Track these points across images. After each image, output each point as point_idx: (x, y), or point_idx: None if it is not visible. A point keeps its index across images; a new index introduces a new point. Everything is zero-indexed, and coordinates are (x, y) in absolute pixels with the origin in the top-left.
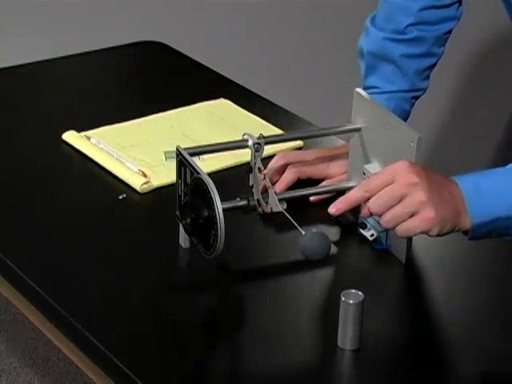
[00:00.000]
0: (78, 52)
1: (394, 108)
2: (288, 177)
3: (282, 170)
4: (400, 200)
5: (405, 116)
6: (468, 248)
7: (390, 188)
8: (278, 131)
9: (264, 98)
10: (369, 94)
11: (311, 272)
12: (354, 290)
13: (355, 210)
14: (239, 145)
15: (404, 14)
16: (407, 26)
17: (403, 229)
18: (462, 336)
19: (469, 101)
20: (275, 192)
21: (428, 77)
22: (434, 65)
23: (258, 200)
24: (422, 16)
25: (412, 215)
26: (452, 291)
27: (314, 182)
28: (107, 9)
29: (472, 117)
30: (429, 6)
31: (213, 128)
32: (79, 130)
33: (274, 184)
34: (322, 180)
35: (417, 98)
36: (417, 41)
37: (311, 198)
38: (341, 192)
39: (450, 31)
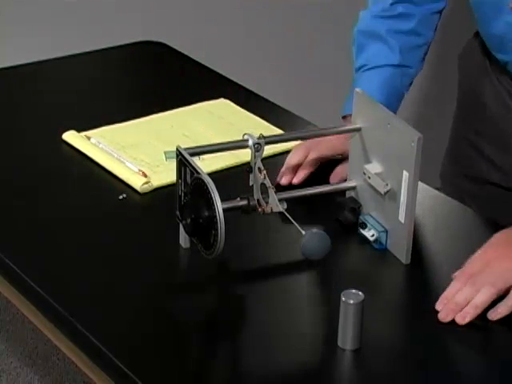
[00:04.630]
0: (78, 52)
1: (383, 83)
2: (313, 156)
3: (303, 159)
4: None
5: (396, 93)
6: (468, 248)
7: None
8: (278, 131)
9: (264, 98)
10: (360, 73)
11: (311, 272)
12: (354, 290)
13: (355, 210)
14: (239, 145)
15: None
16: (392, 4)
17: None
18: (462, 336)
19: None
20: (275, 192)
21: (419, 57)
22: (423, 46)
23: (258, 200)
24: None
25: None
26: None
27: (313, 181)
28: (107, 9)
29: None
30: None
31: (213, 128)
32: (79, 130)
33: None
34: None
35: (408, 77)
36: (403, 17)
37: (294, 180)
38: (340, 192)
39: (437, 12)
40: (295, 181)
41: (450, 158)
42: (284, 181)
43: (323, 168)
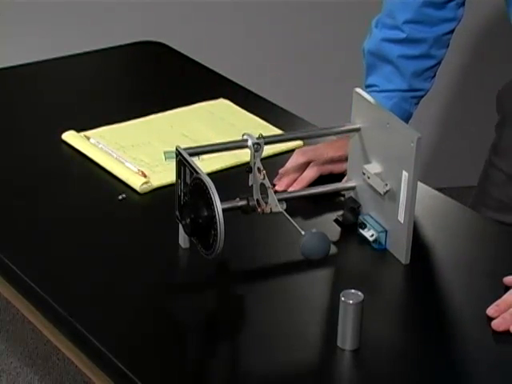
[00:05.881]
0: (78, 52)
1: (392, 107)
2: (310, 174)
3: (302, 167)
4: None
5: (405, 115)
6: (468, 248)
7: None
8: (277, 131)
9: (264, 98)
10: (368, 92)
11: (311, 272)
12: (353, 290)
13: (355, 209)
14: (239, 145)
15: (404, 9)
16: (404, 23)
17: None
18: (462, 336)
19: (469, 100)
20: (275, 192)
21: (430, 77)
22: (436, 66)
23: (257, 200)
24: (421, 14)
25: None
26: (452, 291)
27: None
28: (107, 9)
29: (473, 117)
30: (428, 1)
31: (213, 128)
32: (79, 130)
33: (294, 181)
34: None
35: (418, 98)
36: (415, 42)
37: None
38: (340, 192)
39: (450, 32)
40: (290, 189)
41: None
42: (278, 187)
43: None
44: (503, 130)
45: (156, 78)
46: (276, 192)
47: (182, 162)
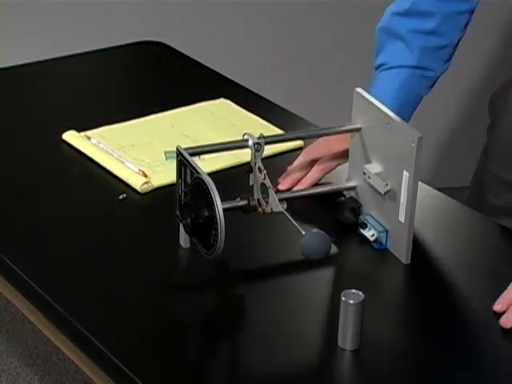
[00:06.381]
0: (78, 52)
1: (401, 85)
2: (315, 175)
3: (307, 166)
4: None
5: (413, 95)
6: (468, 248)
7: None
8: (278, 131)
9: (264, 98)
10: (378, 72)
11: (311, 272)
12: (354, 290)
13: (355, 209)
14: (239, 145)
15: None
16: None
17: None
18: (462, 336)
19: (470, 101)
20: (275, 192)
21: (442, 59)
22: (447, 47)
23: (258, 200)
24: None
25: None
26: (452, 291)
27: None
28: (107, 9)
29: (473, 117)
30: None
31: (213, 128)
32: (79, 130)
33: (298, 182)
34: None
35: (428, 79)
36: (424, 16)
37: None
38: (340, 192)
39: (464, 13)
40: (294, 189)
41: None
42: (281, 187)
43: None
44: (493, 133)
45: (156, 77)
46: (277, 192)
47: (183, 162)
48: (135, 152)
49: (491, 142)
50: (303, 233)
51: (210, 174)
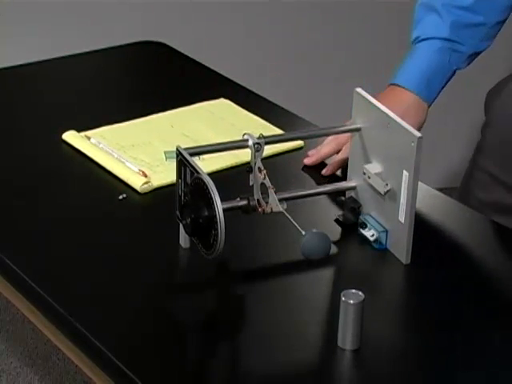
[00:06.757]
0: (78, 52)
1: (432, 56)
2: (342, 157)
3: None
4: None
5: (444, 68)
6: (468, 247)
7: None
8: (278, 131)
9: (264, 98)
10: (412, 45)
11: (311, 272)
12: (354, 290)
13: (355, 209)
14: (239, 145)
15: None
16: None
17: None
18: (462, 336)
19: (470, 100)
20: (275, 192)
21: (477, 37)
22: (480, 26)
23: (258, 200)
24: None
25: None
26: (452, 291)
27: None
28: (107, 9)
29: (473, 117)
30: None
31: (213, 128)
32: (79, 130)
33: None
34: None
35: (461, 54)
36: None
37: (323, 171)
38: (340, 192)
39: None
40: (324, 172)
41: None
42: (308, 161)
43: (323, 168)
44: (487, 130)
45: (156, 77)
46: (276, 192)
47: (183, 162)
48: (135, 152)
49: (485, 139)
50: (303, 233)
51: (210, 174)
